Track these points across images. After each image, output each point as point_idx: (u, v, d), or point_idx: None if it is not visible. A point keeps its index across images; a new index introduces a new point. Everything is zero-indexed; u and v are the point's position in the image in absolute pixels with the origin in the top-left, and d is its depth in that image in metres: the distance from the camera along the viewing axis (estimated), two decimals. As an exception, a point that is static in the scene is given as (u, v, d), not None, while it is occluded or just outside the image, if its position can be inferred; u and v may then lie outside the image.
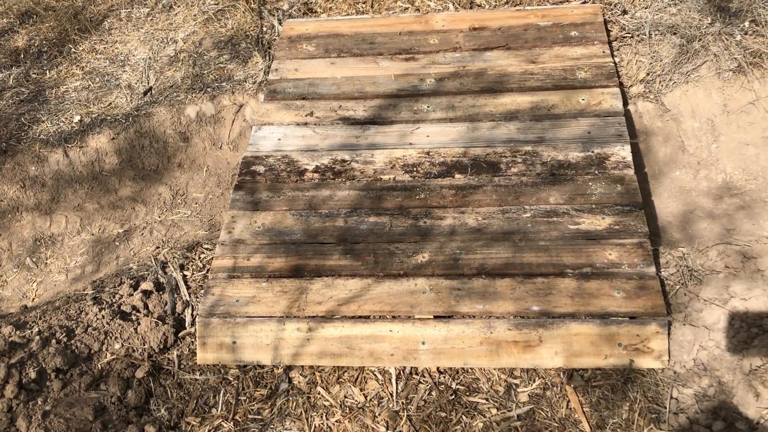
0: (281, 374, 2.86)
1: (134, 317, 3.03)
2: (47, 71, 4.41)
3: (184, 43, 4.28)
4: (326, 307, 2.87)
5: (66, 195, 3.92)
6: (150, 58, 4.26)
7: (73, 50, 4.49)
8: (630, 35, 3.75)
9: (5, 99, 4.27)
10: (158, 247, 3.55)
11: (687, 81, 3.48)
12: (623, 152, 3.20)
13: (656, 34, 3.67)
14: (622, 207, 3.01)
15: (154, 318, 3.03)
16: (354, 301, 2.88)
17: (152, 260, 3.35)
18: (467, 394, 2.72)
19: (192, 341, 3.00)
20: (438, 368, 2.80)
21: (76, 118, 3.99)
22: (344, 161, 3.38)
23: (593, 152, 3.22)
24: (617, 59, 3.69)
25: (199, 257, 3.36)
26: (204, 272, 3.27)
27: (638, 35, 3.72)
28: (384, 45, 3.91)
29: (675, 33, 3.62)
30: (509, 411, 2.65)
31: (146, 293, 3.14)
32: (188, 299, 3.15)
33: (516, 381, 2.74)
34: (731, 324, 2.64)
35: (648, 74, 3.58)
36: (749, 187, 3.27)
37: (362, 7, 4.27)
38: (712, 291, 2.76)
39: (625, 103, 3.52)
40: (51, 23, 4.69)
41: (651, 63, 3.60)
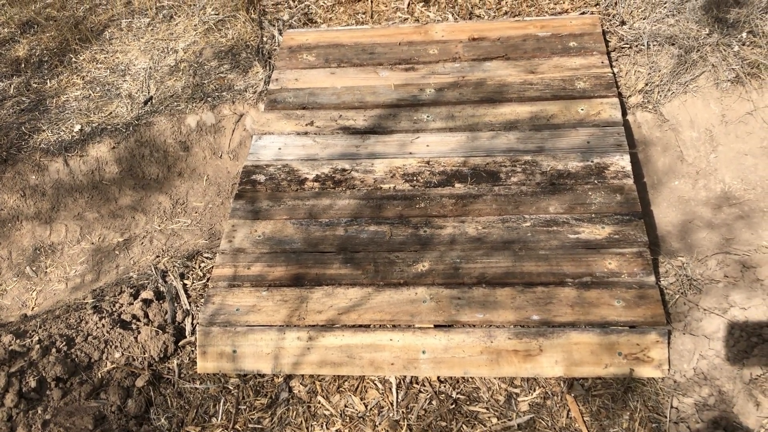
0: (281, 383, 2.86)
1: (134, 326, 3.03)
2: (48, 81, 4.42)
3: (185, 53, 4.30)
4: (326, 316, 2.87)
5: (66, 204, 3.92)
6: (150, 68, 4.27)
7: (74, 60, 4.50)
8: (628, 46, 3.78)
9: (6, 108, 4.28)
10: (158, 256, 3.55)
11: (685, 91, 3.50)
12: (622, 162, 3.22)
13: (654, 45, 3.69)
14: (622, 216, 3.02)
15: (155, 327, 3.03)
16: (354, 310, 2.88)
17: (152, 269, 3.35)
18: (468, 404, 2.72)
19: (192, 350, 3.00)
20: (438, 377, 2.80)
21: (77, 128, 4.00)
22: (344, 170, 3.39)
23: (593, 162, 3.24)
24: (616, 69, 3.71)
25: (200, 266, 3.36)
26: (204, 281, 3.27)
27: (637, 46, 3.74)
28: (384, 55, 3.93)
29: (673, 44, 3.65)
30: (510, 420, 2.64)
31: (146, 302, 3.14)
32: (188, 308, 3.15)
33: (516, 390, 2.74)
34: (731, 333, 2.64)
35: (647, 84, 3.60)
36: (748, 197, 3.29)
37: (362, 18, 4.30)
38: (712, 300, 2.76)
39: (624, 113, 3.54)
40: (52, 33, 4.71)
41: (649, 73, 3.62)
